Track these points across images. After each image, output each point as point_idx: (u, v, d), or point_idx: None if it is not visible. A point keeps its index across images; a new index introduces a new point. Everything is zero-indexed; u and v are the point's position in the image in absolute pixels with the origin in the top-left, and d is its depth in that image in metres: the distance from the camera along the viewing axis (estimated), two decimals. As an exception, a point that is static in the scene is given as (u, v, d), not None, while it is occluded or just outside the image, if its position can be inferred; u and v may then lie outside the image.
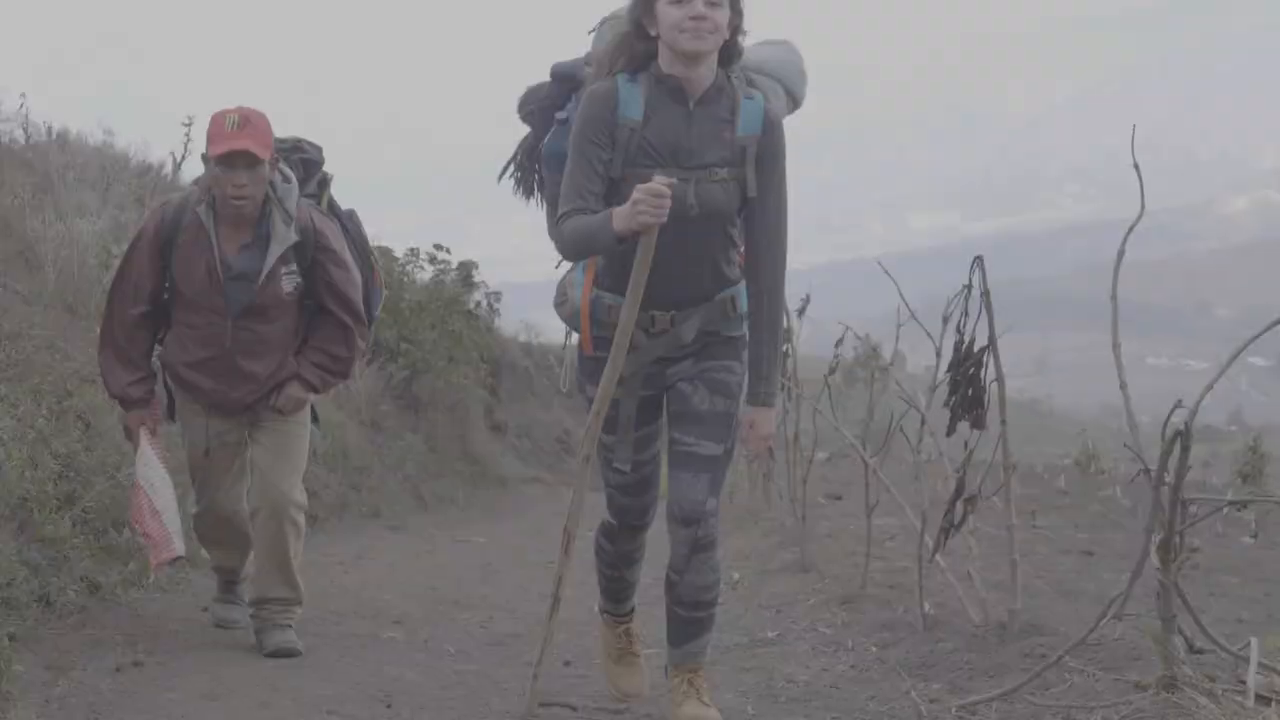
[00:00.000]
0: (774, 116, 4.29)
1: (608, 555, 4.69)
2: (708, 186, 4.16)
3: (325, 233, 5.37)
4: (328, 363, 5.46)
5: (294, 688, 4.71)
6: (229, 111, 5.12)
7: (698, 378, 4.33)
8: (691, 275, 4.24)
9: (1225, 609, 6.84)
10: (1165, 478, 4.24)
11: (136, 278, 5.29)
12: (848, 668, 5.58)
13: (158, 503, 5.13)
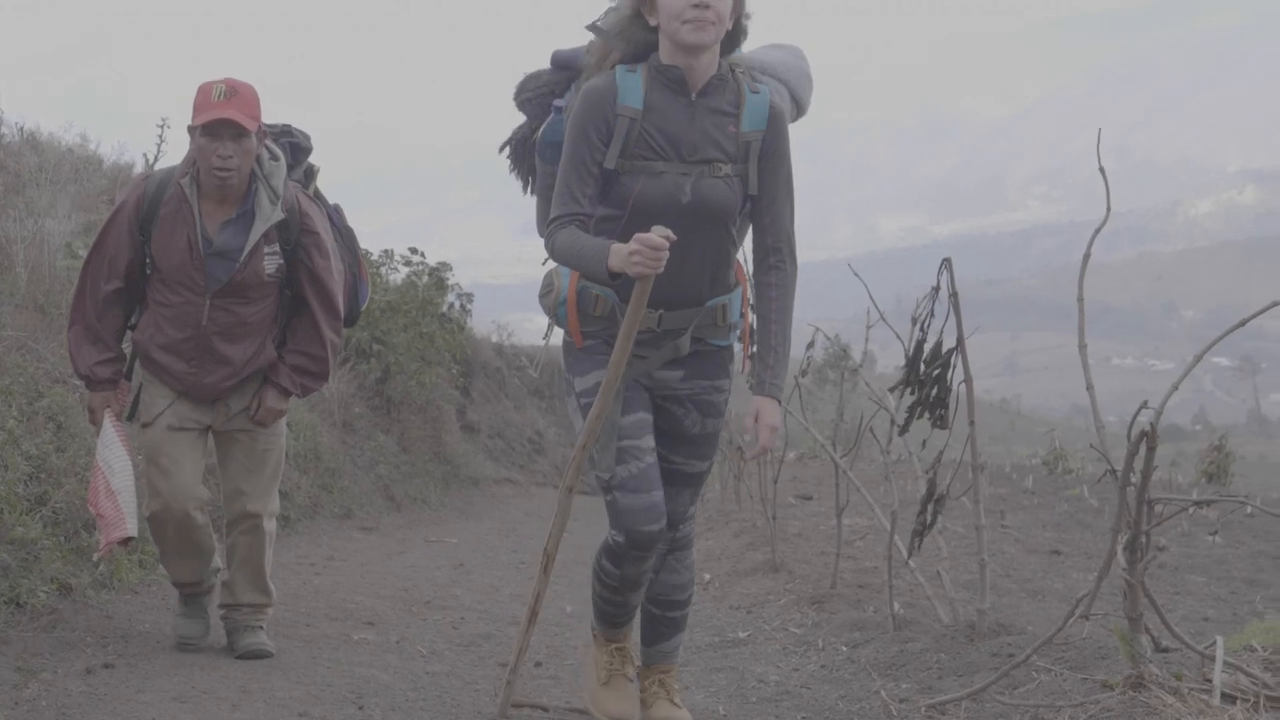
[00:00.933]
0: (779, 111, 4.12)
1: (612, 579, 4.25)
2: (710, 182, 4.02)
3: (311, 215, 5.21)
4: (307, 364, 5.29)
5: (265, 689, 4.69)
6: (216, 82, 4.94)
7: (689, 400, 4.21)
8: (686, 275, 4.05)
9: (1191, 608, 6.86)
10: (1131, 478, 4.25)
11: (113, 251, 5.08)
12: (818, 667, 5.59)
13: (114, 483, 4.99)
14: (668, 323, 4.07)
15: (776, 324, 4.17)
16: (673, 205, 3.95)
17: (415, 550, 10.01)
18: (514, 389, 20.44)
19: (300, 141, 5.43)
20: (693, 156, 4.01)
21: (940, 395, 5.52)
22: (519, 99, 4.44)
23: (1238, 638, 5.04)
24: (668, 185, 3.97)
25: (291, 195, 5.15)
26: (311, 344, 5.28)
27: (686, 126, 4.01)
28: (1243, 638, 5.07)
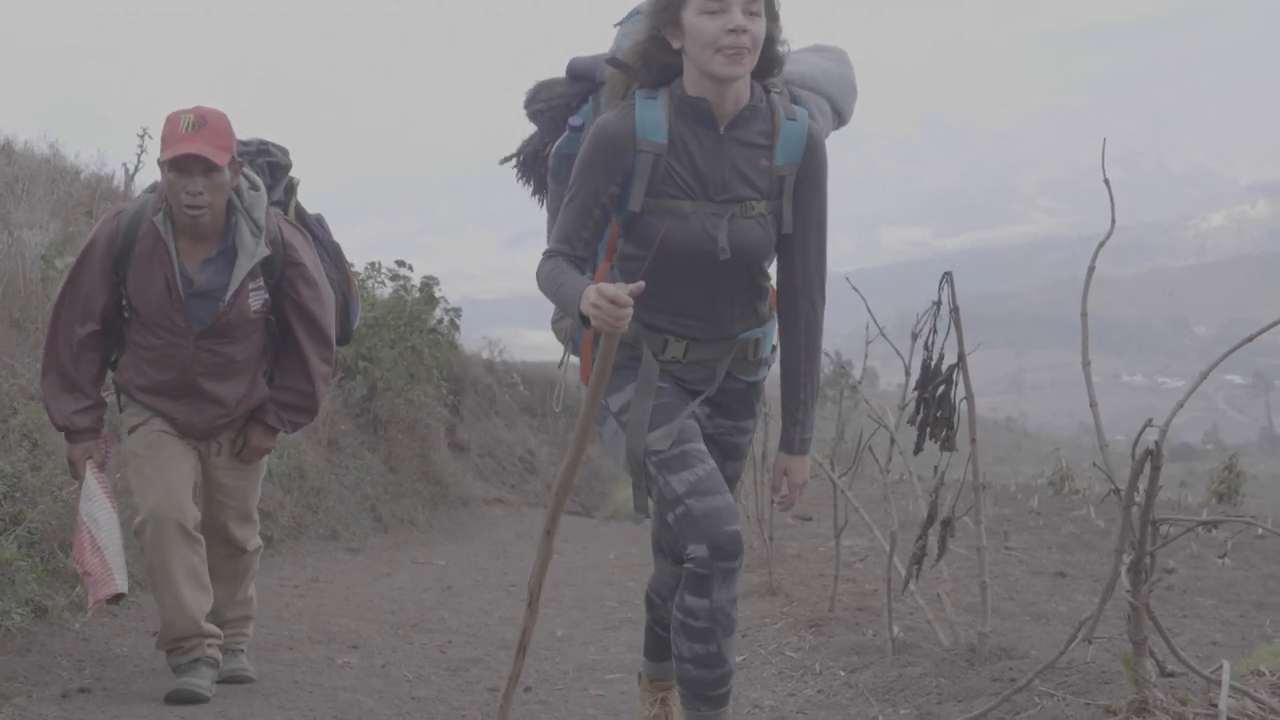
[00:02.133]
0: (817, 138, 3.82)
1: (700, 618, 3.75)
2: (743, 223, 3.72)
3: (295, 245, 5.01)
4: (295, 400, 5.15)
5: (245, 715, 4.70)
6: (185, 111, 4.73)
7: (713, 440, 3.94)
8: (715, 312, 3.84)
9: (1199, 631, 6.87)
10: (1135, 498, 4.27)
11: (86, 294, 4.86)
12: (815, 692, 5.59)
13: (100, 539, 4.80)
14: (693, 354, 3.86)
15: (806, 374, 3.96)
16: (702, 250, 3.71)
17: (402, 572, 10.01)
18: (505, 406, 20.42)
19: (279, 159, 5.25)
20: (721, 195, 3.72)
21: (945, 414, 5.51)
22: (531, 109, 4.18)
23: (1245, 662, 5.05)
24: (695, 228, 3.69)
25: (274, 225, 4.97)
26: (298, 379, 5.12)
27: (715, 163, 3.72)
28: (1250, 662, 5.08)
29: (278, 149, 5.27)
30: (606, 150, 3.69)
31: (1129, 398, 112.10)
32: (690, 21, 3.57)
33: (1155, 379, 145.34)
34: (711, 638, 3.73)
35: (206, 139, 4.65)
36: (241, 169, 4.87)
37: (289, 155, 5.31)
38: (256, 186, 4.92)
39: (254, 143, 5.19)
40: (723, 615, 3.71)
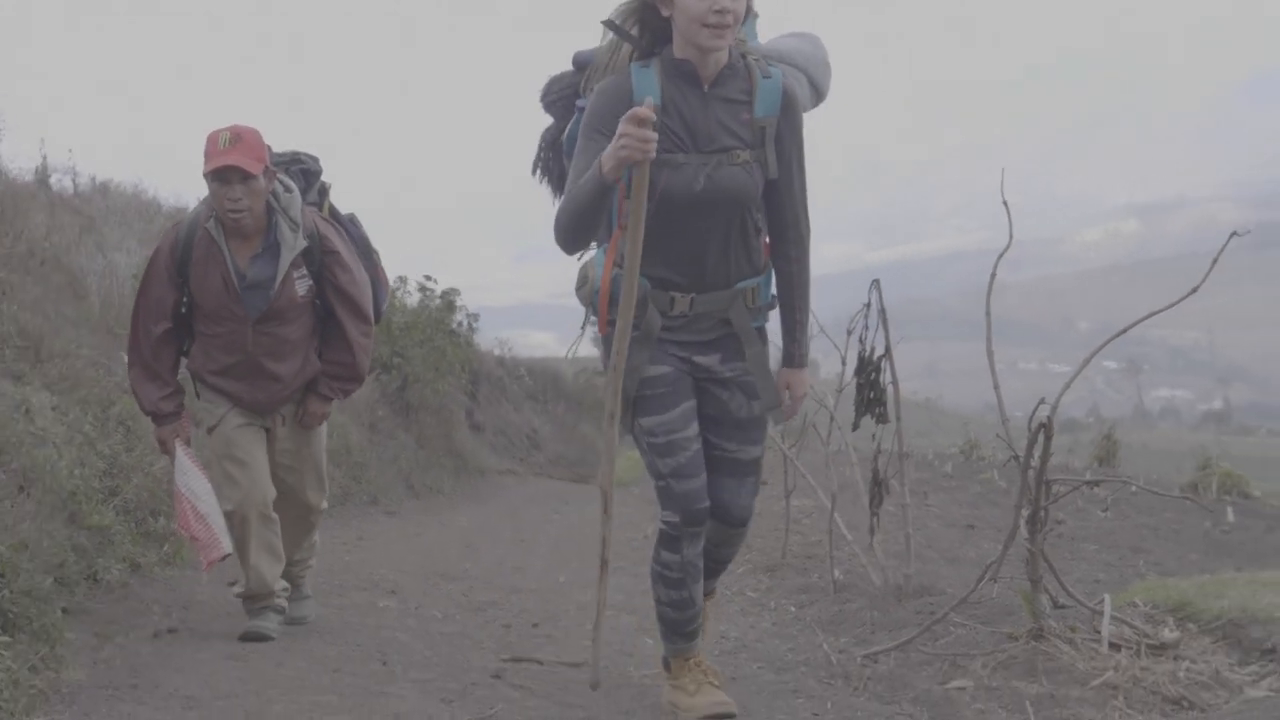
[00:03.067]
0: (792, 93, 3.65)
1: (674, 569, 3.77)
2: (729, 170, 3.56)
3: (329, 236, 4.90)
4: (340, 371, 4.99)
5: (305, 649, 4.70)
6: (221, 130, 4.64)
7: (732, 383, 3.76)
8: (714, 258, 3.65)
9: (1084, 571, 6.90)
10: (1031, 462, 4.29)
11: (157, 296, 4.82)
12: (770, 625, 5.61)
13: (201, 507, 4.69)
14: (699, 306, 3.68)
15: (799, 296, 3.80)
16: (687, 196, 3.53)
17: (431, 531, 9.99)
18: (513, 394, 20.40)
19: (310, 166, 5.13)
20: (709, 147, 3.56)
21: (877, 396, 5.54)
22: (545, 100, 3.98)
23: (1123, 596, 5.08)
24: (688, 176, 3.52)
25: (310, 221, 4.87)
26: (342, 352, 4.97)
27: (702, 117, 3.56)
28: (1127, 596, 5.11)
29: (309, 157, 5.16)
30: (607, 111, 3.50)
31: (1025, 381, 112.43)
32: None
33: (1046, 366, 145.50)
34: (684, 585, 3.75)
35: (241, 152, 4.58)
36: (275, 176, 4.78)
37: (319, 163, 5.19)
38: (290, 189, 4.83)
39: (287, 154, 5.08)
40: (691, 567, 3.73)
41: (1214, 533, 9.62)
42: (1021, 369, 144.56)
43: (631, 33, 3.59)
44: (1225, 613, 4.65)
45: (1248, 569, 6.58)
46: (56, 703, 3.52)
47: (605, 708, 3.95)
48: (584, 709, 3.91)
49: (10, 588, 3.86)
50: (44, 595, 4.07)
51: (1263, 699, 3.83)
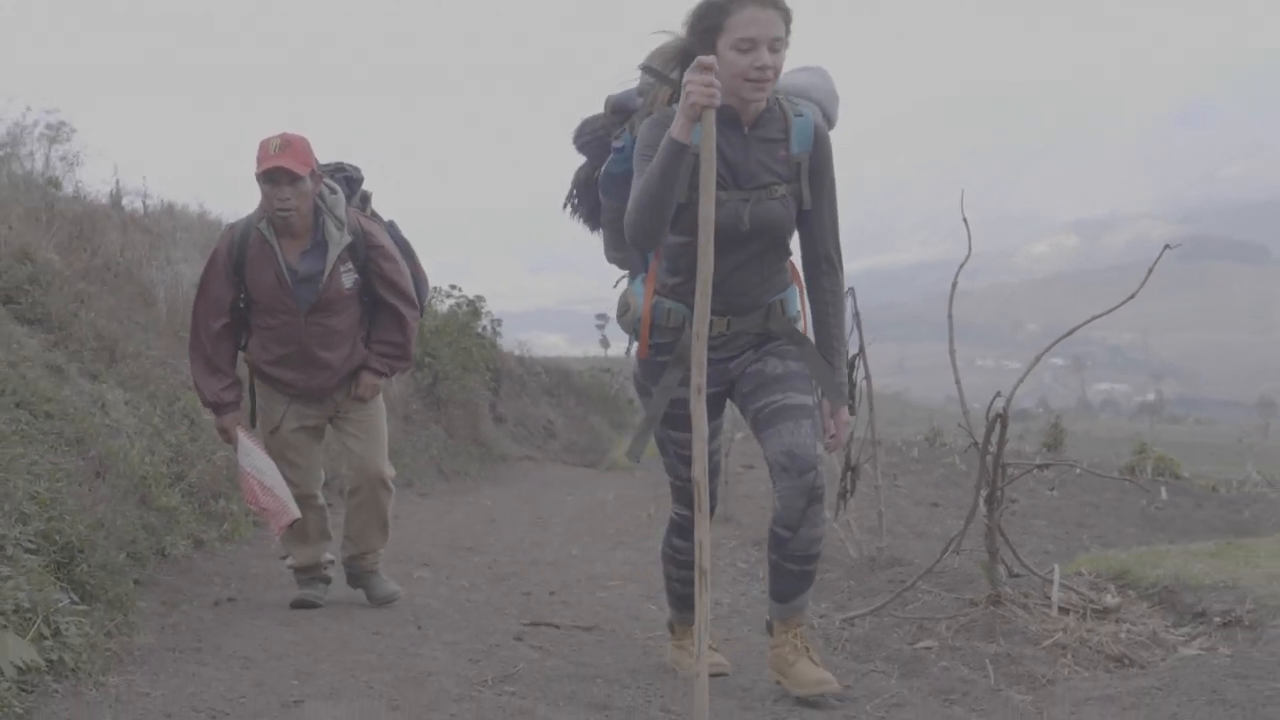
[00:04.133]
0: (823, 130, 3.47)
1: (683, 557, 3.71)
2: (767, 204, 3.37)
3: (373, 232, 4.75)
4: (391, 350, 4.82)
5: (348, 615, 4.69)
6: (272, 137, 4.54)
7: (764, 354, 3.52)
8: (749, 286, 3.46)
9: (1036, 544, 6.90)
10: (989, 448, 4.29)
11: (216, 294, 4.68)
12: (759, 592, 5.59)
13: (266, 480, 4.58)
14: (736, 326, 3.48)
15: (835, 326, 3.57)
16: (735, 230, 3.33)
17: (459, 510, 10.00)
18: (532, 389, 20.42)
19: (352, 174, 4.99)
20: (750, 184, 3.37)
21: (851, 390, 5.53)
22: (579, 141, 3.76)
23: (1070, 566, 5.08)
24: (729, 212, 3.30)
25: (354, 219, 4.73)
26: (392, 333, 4.82)
27: (743, 158, 3.37)
28: (1074, 566, 5.11)
29: (351, 167, 5.02)
30: (659, 131, 3.27)
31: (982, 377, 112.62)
32: (724, 53, 3.22)
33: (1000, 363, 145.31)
34: (692, 566, 3.43)
35: (290, 156, 4.48)
36: (322, 180, 4.67)
37: (360, 171, 5.06)
38: (335, 191, 4.70)
39: (332, 164, 4.94)
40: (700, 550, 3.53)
41: (1149, 509, 9.63)
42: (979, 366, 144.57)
43: (671, 76, 3.40)
44: (1161, 580, 4.66)
45: (1179, 541, 6.58)
46: (129, 664, 3.52)
47: (614, 666, 3.94)
48: (595, 667, 3.90)
49: (88, 562, 3.86)
50: (118, 569, 4.07)
51: (1194, 657, 3.82)
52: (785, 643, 3.51)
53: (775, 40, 3.20)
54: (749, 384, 3.52)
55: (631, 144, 3.49)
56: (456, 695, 3.39)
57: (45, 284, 6.85)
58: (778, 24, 3.19)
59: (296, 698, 3.25)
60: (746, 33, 3.18)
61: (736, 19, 3.19)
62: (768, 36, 3.18)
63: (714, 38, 3.23)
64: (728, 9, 3.20)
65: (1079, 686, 3.57)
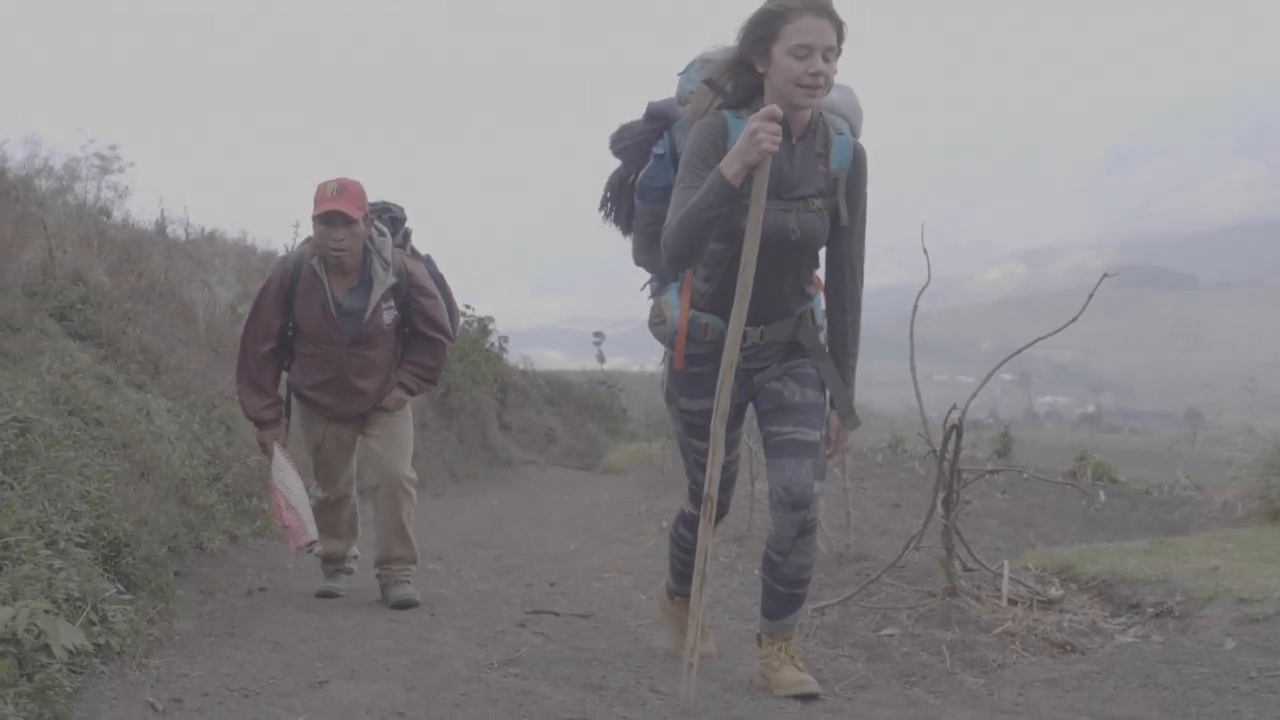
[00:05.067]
0: (861, 150, 3.26)
1: (687, 544, 3.59)
2: (806, 216, 3.16)
3: (416, 272, 4.67)
4: (421, 371, 4.75)
5: (368, 604, 4.67)
6: (330, 181, 4.46)
7: (785, 375, 3.31)
8: (781, 295, 3.25)
9: (987, 542, 6.89)
10: (946, 455, 4.28)
11: (265, 320, 4.60)
12: (739, 584, 5.58)
13: (292, 499, 4.52)
14: (768, 336, 3.28)
15: (851, 346, 3.35)
16: (777, 238, 3.12)
17: (469, 509, 9.98)
18: (535, 400, 20.39)
19: (397, 214, 4.92)
20: (791, 194, 3.15)
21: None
22: (617, 147, 3.48)
23: (1018, 561, 5.07)
24: (770, 220, 3.07)
25: (399, 261, 4.64)
26: (425, 356, 4.74)
27: (788, 167, 3.14)
28: (1021, 561, 5.11)
29: (396, 207, 4.94)
30: (706, 147, 3.10)
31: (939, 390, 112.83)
32: (779, 59, 3.03)
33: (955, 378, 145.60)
34: (695, 553, 3.24)
35: (346, 200, 4.41)
36: (373, 222, 4.59)
37: (404, 211, 4.98)
38: (383, 233, 4.63)
39: (379, 203, 4.85)
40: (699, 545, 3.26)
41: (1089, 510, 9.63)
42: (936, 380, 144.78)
43: (726, 88, 3.17)
44: (1100, 575, 4.66)
45: (1117, 540, 6.58)
46: (169, 647, 3.50)
47: (608, 650, 3.92)
48: (591, 651, 3.88)
49: (133, 555, 3.84)
50: (160, 561, 4.05)
51: (1130, 644, 3.82)
52: (773, 654, 3.38)
53: (829, 49, 3.01)
54: (768, 403, 3.32)
55: (671, 153, 3.36)
56: (466, 676, 3.37)
57: (96, 303, 6.83)
58: (831, 33, 3.02)
59: (321, 678, 3.24)
60: (803, 39, 2.99)
61: (793, 26, 3.00)
62: (823, 45, 3.00)
63: (769, 44, 3.04)
64: (785, 16, 3.01)
65: (1026, 670, 3.57)
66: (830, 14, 3.01)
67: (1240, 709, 2.97)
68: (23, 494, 3.53)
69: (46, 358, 5.44)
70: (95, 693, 2.83)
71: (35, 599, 2.76)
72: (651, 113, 3.40)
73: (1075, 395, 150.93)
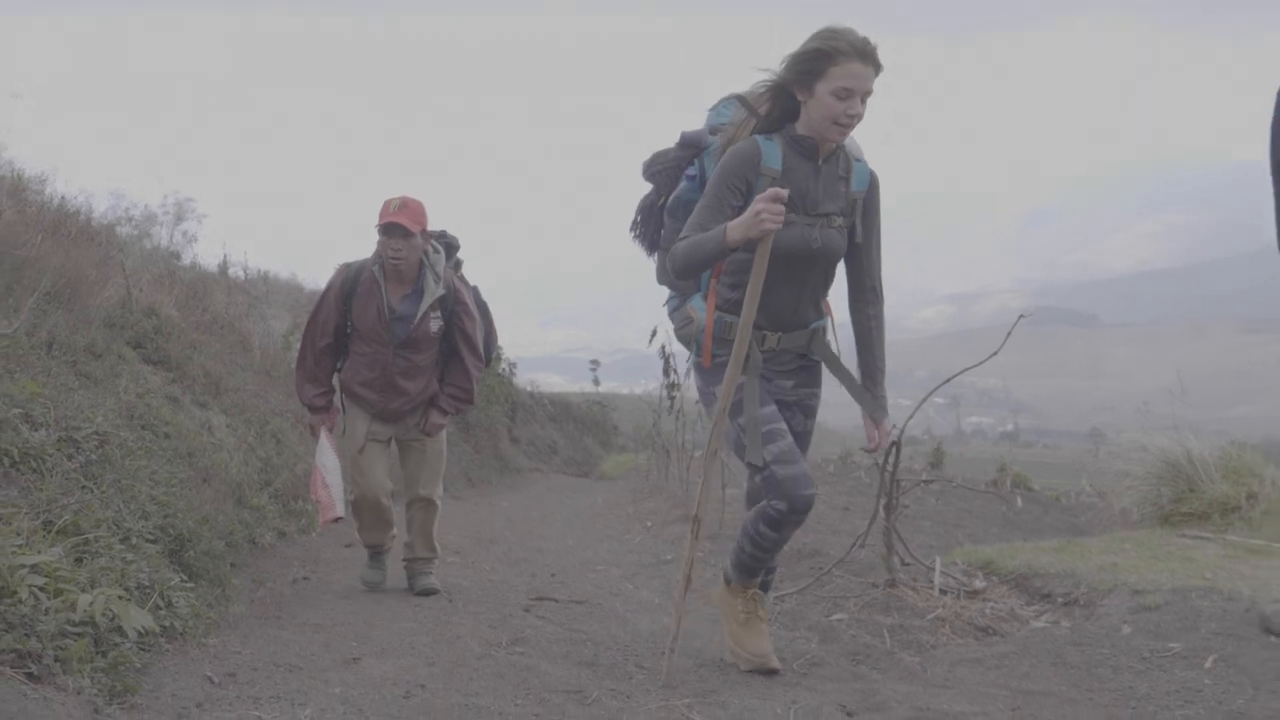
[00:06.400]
0: (875, 177, 3.10)
1: (766, 541, 3.09)
2: (828, 231, 3.01)
3: (461, 291, 4.54)
4: (458, 393, 4.60)
5: (396, 593, 4.64)
6: (394, 198, 4.32)
7: (796, 405, 3.19)
8: (800, 304, 3.09)
9: (922, 540, 6.87)
10: (887, 466, 4.29)
11: (324, 317, 4.45)
12: (711, 576, 5.55)
13: (328, 479, 4.43)
14: (785, 343, 3.11)
15: (878, 347, 3.19)
16: (801, 250, 2.99)
17: (482, 509, 9.92)
18: (540, 417, 20.33)
19: (452, 242, 4.77)
20: (815, 211, 3.00)
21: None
22: (649, 172, 3.27)
23: (949, 557, 5.07)
24: (795, 234, 2.95)
25: (449, 276, 4.52)
26: (461, 379, 4.60)
27: (813, 186, 3.00)
28: (951, 557, 5.11)
29: (452, 236, 4.79)
30: (739, 168, 2.93)
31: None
32: (822, 96, 2.85)
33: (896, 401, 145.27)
34: (771, 554, 3.15)
35: (406, 215, 4.28)
36: (429, 240, 4.47)
37: (459, 240, 4.83)
38: (438, 251, 4.50)
39: (436, 231, 4.71)
40: (784, 544, 3.11)
41: (1008, 514, 9.62)
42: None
43: (760, 111, 3.00)
44: (1017, 569, 4.66)
45: (1031, 539, 6.58)
46: (225, 628, 3.47)
47: (600, 632, 3.91)
48: (585, 633, 3.86)
49: (195, 549, 3.81)
50: (218, 554, 4.02)
51: (1042, 628, 3.82)
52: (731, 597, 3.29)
53: (866, 94, 2.86)
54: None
55: (701, 175, 3.16)
56: (478, 654, 3.35)
57: (167, 333, 6.81)
58: (871, 79, 2.86)
59: (355, 655, 3.21)
60: (847, 83, 2.82)
61: (840, 69, 2.82)
62: (863, 90, 2.85)
63: (815, 80, 2.86)
64: (834, 59, 2.82)
65: (955, 650, 3.57)
66: (875, 62, 2.85)
67: (1135, 685, 2.97)
68: (101, 497, 3.51)
69: (123, 380, 5.42)
70: (160, 668, 2.80)
71: (110, 587, 2.75)
72: (685, 141, 3.22)
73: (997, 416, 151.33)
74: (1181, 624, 3.46)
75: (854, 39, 2.81)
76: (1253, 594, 3.71)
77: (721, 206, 2.91)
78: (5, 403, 3.64)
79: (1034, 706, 2.81)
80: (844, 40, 2.81)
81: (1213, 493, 5.78)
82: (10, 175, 8.55)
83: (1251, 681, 2.86)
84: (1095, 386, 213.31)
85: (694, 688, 3.06)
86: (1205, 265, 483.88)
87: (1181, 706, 2.74)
